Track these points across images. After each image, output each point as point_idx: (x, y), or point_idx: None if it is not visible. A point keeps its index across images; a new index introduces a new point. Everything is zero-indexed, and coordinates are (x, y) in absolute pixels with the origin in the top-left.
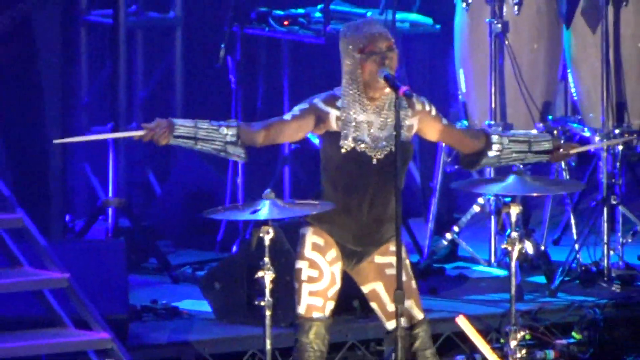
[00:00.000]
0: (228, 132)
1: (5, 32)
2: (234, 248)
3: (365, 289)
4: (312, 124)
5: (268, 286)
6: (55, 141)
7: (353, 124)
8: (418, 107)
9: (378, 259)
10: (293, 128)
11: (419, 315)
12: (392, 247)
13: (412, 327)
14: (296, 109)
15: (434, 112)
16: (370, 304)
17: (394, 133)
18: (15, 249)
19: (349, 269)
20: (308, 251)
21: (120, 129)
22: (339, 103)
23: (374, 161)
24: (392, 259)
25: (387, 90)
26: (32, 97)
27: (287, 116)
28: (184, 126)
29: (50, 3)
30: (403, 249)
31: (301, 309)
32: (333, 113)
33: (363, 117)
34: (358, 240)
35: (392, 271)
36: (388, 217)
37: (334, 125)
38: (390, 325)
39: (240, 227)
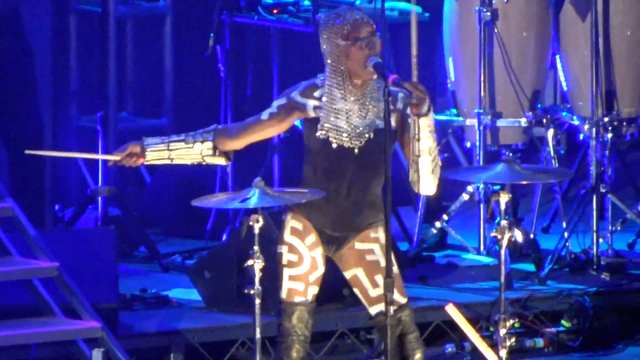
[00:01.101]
0: (203, 146)
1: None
2: (224, 237)
3: (347, 274)
4: (291, 118)
5: (258, 275)
6: (27, 152)
7: (332, 112)
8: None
9: (358, 245)
10: (272, 125)
11: (401, 299)
12: (373, 234)
13: (395, 312)
14: (274, 105)
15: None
16: (352, 290)
17: (376, 120)
18: (5, 238)
19: (330, 254)
20: (287, 235)
21: (110, 118)
22: (317, 93)
23: (355, 150)
24: (372, 246)
25: (374, 77)
26: (23, 86)
27: (265, 115)
28: (155, 151)
29: None
30: (383, 237)
31: (283, 294)
32: (310, 103)
33: (342, 105)
34: (336, 225)
35: (372, 257)
36: (367, 203)
37: (312, 114)
38: (373, 310)
39: (230, 215)
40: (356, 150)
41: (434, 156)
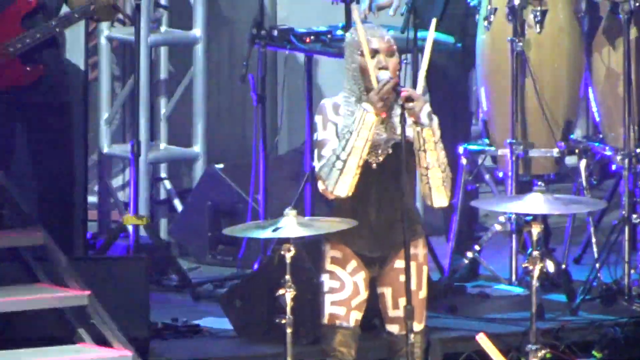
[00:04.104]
0: None
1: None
2: (255, 265)
3: (378, 290)
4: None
5: (289, 304)
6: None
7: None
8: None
9: (398, 263)
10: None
11: (417, 327)
12: (413, 250)
13: (403, 335)
14: (320, 126)
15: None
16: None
17: (393, 136)
18: (36, 265)
19: (375, 274)
20: (328, 264)
21: (141, 147)
22: (341, 111)
23: (374, 166)
24: (410, 264)
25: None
26: (57, 114)
27: (325, 135)
28: None
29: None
30: (422, 254)
31: (324, 319)
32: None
33: None
34: (373, 246)
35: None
36: (405, 216)
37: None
38: (389, 327)
39: (262, 244)
40: (374, 166)
41: (443, 167)
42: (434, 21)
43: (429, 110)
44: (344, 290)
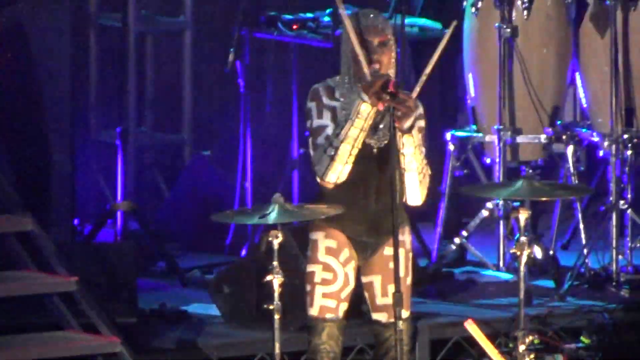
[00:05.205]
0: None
1: (11, 32)
2: (243, 252)
3: (365, 279)
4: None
5: (277, 290)
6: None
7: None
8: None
9: (387, 250)
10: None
11: (404, 314)
12: (400, 237)
13: (391, 324)
14: (315, 113)
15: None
16: (364, 292)
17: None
18: (24, 251)
19: (361, 262)
20: (322, 255)
21: (129, 133)
22: (337, 94)
23: (374, 150)
24: (399, 251)
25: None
26: (41, 100)
27: (320, 122)
28: None
29: (59, 3)
30: (409, 240)
31: (314, 311)
32: (338, 105)
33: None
34: (371, 231)
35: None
36: (395, 205)
37: (339, 114)
38: (376, 316)
39: (249, 230)
40: (375, 150)
41: (420, 169)
42: (452, 25)
43: (412, 119)
44: (336, 282)
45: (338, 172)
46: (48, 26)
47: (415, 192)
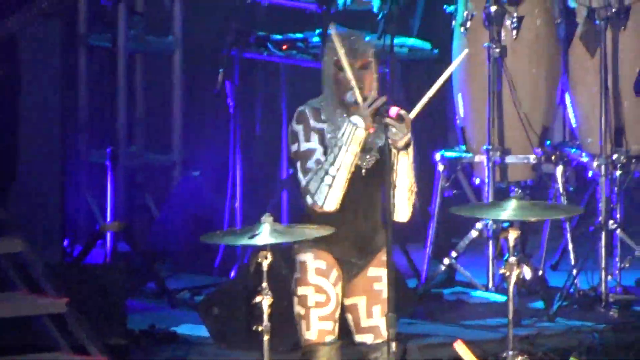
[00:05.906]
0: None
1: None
2: (232, 273)
3: (348, 301)
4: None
5: (266, 311)
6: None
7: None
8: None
9: (371, 271)
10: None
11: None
12: (383, 257)
13: (377, 344)
14: (302, 136)
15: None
16: (345, 314)
17: (379, 142)
18: (14, 272)
19: (346, 282)
20: (312, 277)
21: (119, 153)
22: (323, 116)
23: (363, 172)
24: (382, 272)
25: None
26: (31, 121)
27: (309, 145)
28: None
29: (49, 23)
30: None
31: (311, 335)
32: (325, 127)
33: None
34: (361, 252)
35: (378, 286)
36: (381, 226)
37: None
38: (358, 338)
39: (239, 251)
40: (363, 172)
41: (410, 186)
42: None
43: (408, 138)
44: (329, 304)
45: (337, 198)
46: (38, 46)
47: (404, 208)
